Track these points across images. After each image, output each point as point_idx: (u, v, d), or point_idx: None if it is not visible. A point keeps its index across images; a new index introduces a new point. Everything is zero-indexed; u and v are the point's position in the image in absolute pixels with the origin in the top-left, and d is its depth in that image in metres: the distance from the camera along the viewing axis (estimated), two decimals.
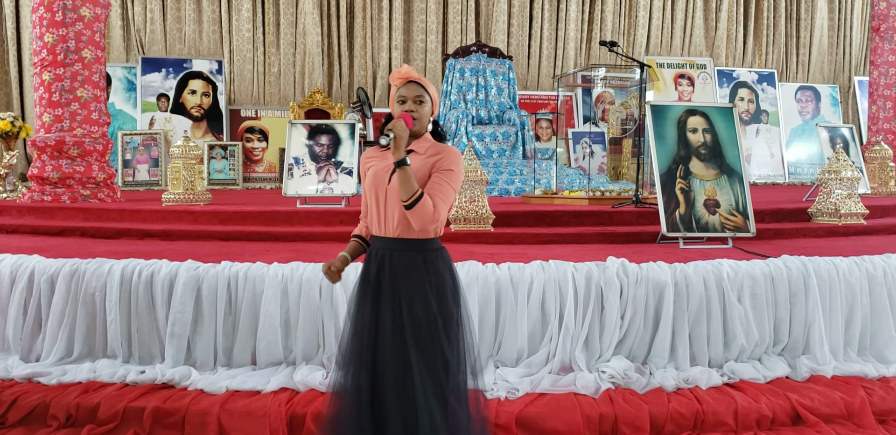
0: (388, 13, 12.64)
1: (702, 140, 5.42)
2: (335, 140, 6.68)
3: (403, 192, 2.34)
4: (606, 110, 12.41)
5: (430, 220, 2.37)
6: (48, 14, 6.85)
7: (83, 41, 6.96)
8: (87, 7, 6.95)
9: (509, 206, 6.51)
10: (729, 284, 4.03)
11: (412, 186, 2.33)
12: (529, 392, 3.63)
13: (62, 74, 6.92)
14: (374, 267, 2.48)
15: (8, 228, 5.98)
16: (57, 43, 6.88)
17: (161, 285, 3.95)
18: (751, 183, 11.84)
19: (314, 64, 12.32)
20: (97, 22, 7.09)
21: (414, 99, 2.48)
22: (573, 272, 3.98)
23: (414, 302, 2.41)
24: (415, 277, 2.43)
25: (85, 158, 7.09)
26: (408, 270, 2.44)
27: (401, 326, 2.40)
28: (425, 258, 2.47)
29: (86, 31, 6.97)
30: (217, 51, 12.26)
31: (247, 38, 12.25)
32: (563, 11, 13.21)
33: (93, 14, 7.01)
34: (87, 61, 7.02)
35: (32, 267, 4.12)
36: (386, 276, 2.45)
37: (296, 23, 12.42)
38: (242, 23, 12.20)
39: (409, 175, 2.33)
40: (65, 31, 6.88)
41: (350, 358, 2.49)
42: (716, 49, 13.85)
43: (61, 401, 3.52)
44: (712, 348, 4.00)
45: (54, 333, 4.02)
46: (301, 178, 6.52)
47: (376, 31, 12.67)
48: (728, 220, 5.25)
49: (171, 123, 11.61)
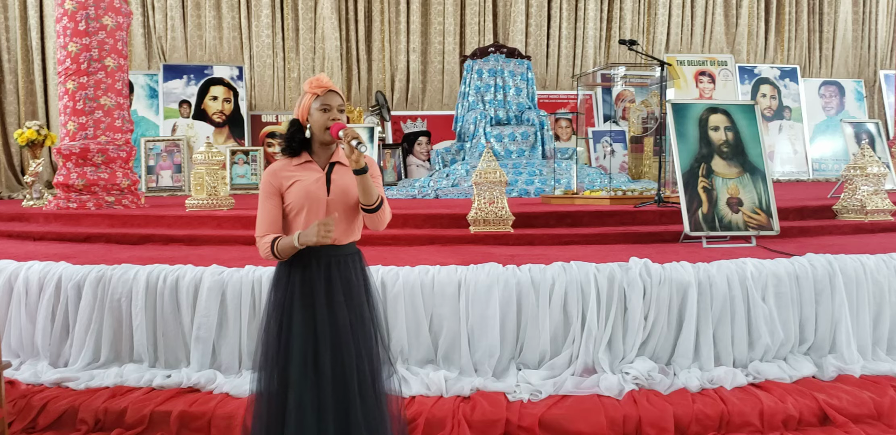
0: (405, 16, 12.67)
1: (724, 138, 5.38)
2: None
3: (368, 197, 2.45)
4: (627, 109, 12.34)
5: (388, 218, 2.57)
6: (71, 24, 6.95)
7: (106, 50, 7.05)
8: (109, 16, 7.04)
9: (529, 207, 6.50)
10: (753, 284, 4.00)
11: (376, 191, 2.47)
12: (552, 394, 3.63)
13: (86, 83, 7.01)
14: (312, 273, 2.50)
15: (35, 235, 6.07)
16: (80, 52, 6.97)
17: (186, 290, 3.99)
18: (774, 180, 11.73)
19: (333, 68, 12.38)
20: (119, 30, 7.17)
21: (338, 107, 2.51)
22: (595, 273, 3.96)
23: (355, 300, 2.54)
24: (353, 277, 2.56)
25: (109, 165, 7.17)
26: (348, 273, 2.55)
27: (346, 322, 2.50)
28: (356, 259, 2.61)
29: (108, 39, 7.06)
30: (237, 57, 12.36)
31: (266, 44, 12.33)
32: (581, 10, 13.16)
33: (115, 23, 7.10)
34: (110, 69, 7.10)
35: (60, 274, 4.18)
36: (326, 281, 2.51)
37: (314, 28, 12.48)
38: (262, 29, 12.29)
39: (369, 182, 2.43)
40: (88, 40, 6.97)
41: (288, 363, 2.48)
42: (737, 45, 13.72)
43: (89, 405, 3.57)
44: (737, 348, 3.96)
45: (82, 339, 4.08)
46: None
47: (394, 34, 12.70)
48: (751, 218, 5.20)
49: (194, 129, 11.71)
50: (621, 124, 12.05)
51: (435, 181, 9.63)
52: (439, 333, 3.91)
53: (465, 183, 9.24)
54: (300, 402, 2.45)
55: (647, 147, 10.16)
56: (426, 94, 12.81)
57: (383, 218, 2.54)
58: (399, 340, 3.88)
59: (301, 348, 2.47)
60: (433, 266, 4.05)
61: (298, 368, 2.46)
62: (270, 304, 2.58)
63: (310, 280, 2.50)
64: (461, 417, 3.40)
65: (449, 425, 3.35)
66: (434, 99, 12.79)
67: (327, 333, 2.47)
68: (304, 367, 2.46)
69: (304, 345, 2.47)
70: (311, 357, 2.47)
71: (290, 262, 2.52)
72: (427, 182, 9.70)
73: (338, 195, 2.51)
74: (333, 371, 2.47)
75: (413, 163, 11.70)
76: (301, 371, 2.46)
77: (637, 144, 10.41)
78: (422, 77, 12.79)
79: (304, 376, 2.46)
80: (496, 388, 3.69)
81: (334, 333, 2.48)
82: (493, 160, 5.54)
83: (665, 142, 7.00)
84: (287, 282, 2.53)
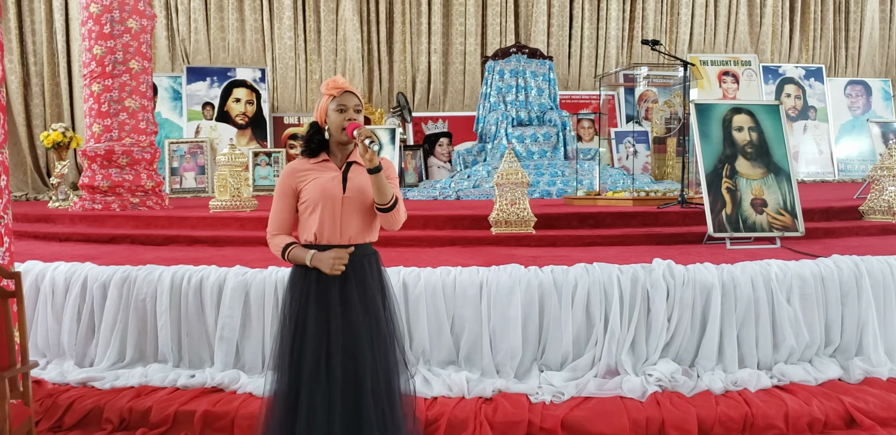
0: (426, 17, 12.68)
1: (748, 138, 5.34)
2: None
3: (382, 196, 2.47)
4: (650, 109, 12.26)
5: (403, 219, 2.59)
6: (96, 27, 7.03)
7: (130, 52, 7.13)
8: (133, 19, 7.12)
9: (551, 208, 6.48)
10: (777, 285, 3.96)
11: (389, 190, 2.47)
12: (575, 396, 3.62)
13: (110, 85, 7.09)
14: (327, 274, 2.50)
15: (61, 236, 6.15)
16: (105, 55, 7.05)
17: (210, 291, 4.03)
18: (799, 181, 11.60)
19: (354, 70, 12.42)
20: (143, 33, 7.25)
21: (354, 107, 2.54)
22: (618, 275, 3.95)
23: (373, 303, 2.55)
24: (370, 279, 2.57)
25: (133, 167, 7.25)
26: (364, 274, 2.56)
27: (361, 323, 2.50)
28: (372, 260, 2.64)
29: (133, 42, 7.13)
30: (260, 59, 12.44)
31: (289, 46, 12.40)
32: (603, 10, 13.10)
33: (139, 26, 7.18)
34: (135, 72, 7.18)
35: (85, 274, 4.23)
36: (341, 282, 2.52)
37: (336, 30, 12.54)
38: (284, 31, 12.36)
39: (384, 180, 2.44)
40: (113, 43, 7.05)
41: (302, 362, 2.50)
42: (761, 45, 13.59)
43: (115, 405, 3.61)
44: (761, 350, 3.93)
45: (107, 339, 4.12)
46: None
47: (415, 35, 12.72)
48: (776, 219, 5.16)
49: (217, 131, 11.81)
50: (644, 125, 11.98)
51: (456, 182, 9.63)
52: (461, 334, 3.90)
53: (487, 184, 9.23)
54: (311, 402, 2.47)
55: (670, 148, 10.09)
56: (447, 95, 12.81)
57: (398, 218, 2.55)
58: (421, 341, 3.89)
59: (314, 349, 2.49)
60: (455, 267, 4.05)
61: (311, 368, 2.48)
62: (286, 304, 2.60)
63: (325, 281, 2.52)
64: (483, 419, 3.39)
65: (471, 427, 3.35)
66: (455, 100, 12.80)
67: (340, 334, 2.49)
68: (316, 367, 2.48)
69: (318, 346, 2.49)
70: (324, 358, 2.48)
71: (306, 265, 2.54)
72: (448, 183, 9.70)
73: (353, 193, 2.53)
74: (345, 372, 2.48)
75: (434, 164, 11.71)
76: (313, 371, 2.48)
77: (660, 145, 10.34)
78: (443, 78, 12.80)
79: (316, 377, 2.48)
80: (518, 389, 3.68)
81: (347, 335, 2.49)
82: (514, 161, 5.53)
83: (688, 142, 6.95)
84: (303, 282, 2.55)
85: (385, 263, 4.18)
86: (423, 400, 3.57)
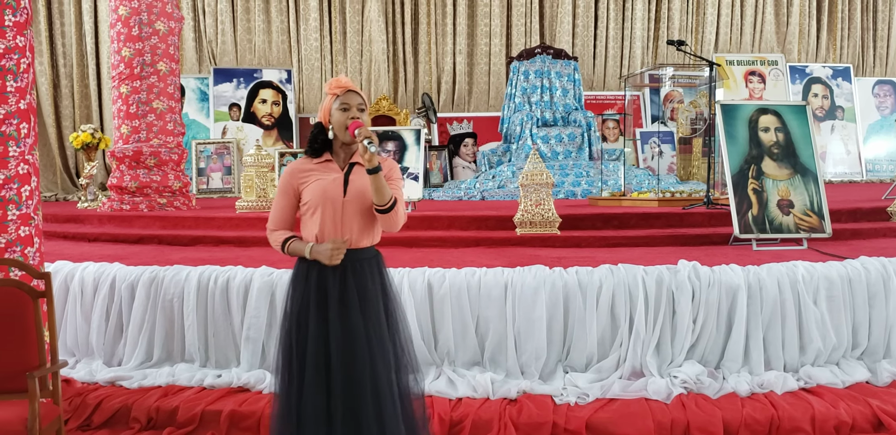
0: (451, 18, 12.70)
1: (774, 139, 5.29)
2: (401, 146, 6.75)
3: (381, 197, 2.45)
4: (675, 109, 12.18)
5: (402, 220, 2.56)
6: (125, 29, 7.12)
7: (158, 54, 7.21)
8: (161, 21, 7.20)
9: (576, 209, 6.46)
10: (804, 287, 3.92)
11: (389, 191, 2.46)
12: (599, 397, 3.61)
13: (139, 87, 7.18)
14: (329, 275, 2.52)
15: (90, 237, 6.23)
16: (133, 57, 7.14)
17: (236, 291, 4.06)
18: (826, 182, 11.45)
19: (380, 71, 12.47)
20: (171, 35, 7.33)
21: (357, 106, 2.54)
22: (643, 276, 3.93)
23: (373, 306, 2.54)
24: (370, 281, 2.56)
25: (161, 168, 7.33)
26: (364, 277, 2.55)
27: (360, 326, 2.50)
28: (373, 262, 2.61)
29: (161, 44, 7.22)
30: (286, 60, 12.53)
31: (315, 48, 12.48)
32: (629, 11, 13.04)
33: (167, 28, 7.26)
34: (163, 74, 7.26)
35: (114, 274, 4.28)
36: (341, 283, 2.52)
37: (362, 31, 12.59)
38: (310, 32, 12.43)
39: (383, 181, 2.43)
40: (141, 45, 7.13)
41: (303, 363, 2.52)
42: (787, 45, 13.44)
43: (142, 404, 3.65)
44: (787, 352, 3.89)
45: (135, 338, 4.17)
46: None
47: (440, 36, 12.74)
48: (803, 220, 5.10)
49: (243, 132, 11.91)
50: (669, 125, 11.90)
51: (481, 183, 9.63)
52: (486, 335, 3.91)
53: (512, 185, 9.22)
54: (312, 403, 2.49)
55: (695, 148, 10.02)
56: (472, 95, 12.82)
57: (396, 220, 2.53)
58: (446, 342, 3.90)
59: (314, 350, 2.50)
60: (479, 268, 4.05)
61: (310, 369, 2.50)
62: (287, 305, 2.62)
63: (325, 283, 2.53)
64: (508, 420, 3.39)
65: (495, 428, 3.35)
66: (480, 100, 12.80)
67: (339, 336, 2.49)
68: (315, 368, 2.49)
69: (317, 347, 2.50)
70: (323, 359, 2.49)
71: (308, 263, 2.56)
72: (473, 184, 9.70)
73: (354, 196, 2.53)
74: (344, 374, 2.48)
75: (459, 164, 11.72)
76: (312, 372, 2.49)
77: (685, 145, 10.27)
78: (468, 79, 12.81)
79: (315, 378, 2.49)
80: (543, 390, 3.67)
81: (346, 336, 2.50)
82: (539, 162, 5.52)
83: (714, 143, 6.89)
84: (304, 285, 2.56)
85: (410, 263, 4.22)
86: (447, 401, 3.59)
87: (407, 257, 4.69)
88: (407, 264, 4.18)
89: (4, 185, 3.42)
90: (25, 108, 3.51)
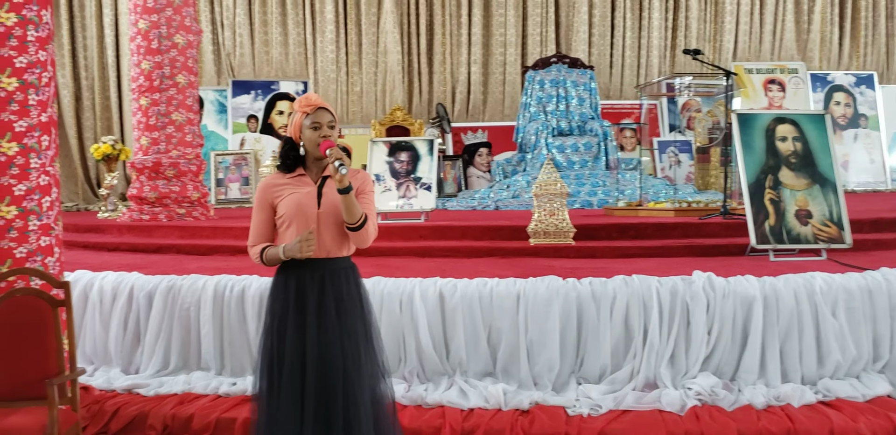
0: (466, 28, 12.74)
1: (792, 149, 5.26)
2: (414, 156, 6.78)
3: (351, 216, 2.50)
4: (692, 119, 12.13)
5: (373, 237, 2.62)
6: (144, 42, 7.22)
7: (177, 67, 7.30)
8: (180, 34, 7.29)
9: (591, 219, 6.45)
10: (822, 298, 3.88)
11: (359, 210, 2.51)
12: (613, 409, 3.59)
13: (158, 99, 7.27)
14: (305, 285, 2.58)
15: (109, 246, 6.32)
16: (153, 69, 7.23)
17: (251, 300, 4.10)
18: (849, 191, 11.33)
19: (395, 82, 12.53)
20: (190, 48, 7.42)
21: (328, 124, 2.59)
22: (658, 287, 3.91)
23: (349, 313, 2.59)
24: (346, 290, 2.61)
25: (180, 179, 7.41)
26: (340, 285, 2.60)
27: (335, 335, 2.56)
28: (349, 272, 2.67)
29: (179, 57, 7.31)
30: (302, 72, 12.63)
31: (331, 59, 12.57)
32: (645, 19, 13.01)
33: (186, 41, 7.35)
34: (181, 86, 7.34)
35: (132, 283, 4.34)
36: (318, 291, 2.57)
37: (377, 42, 12.67)
38: (326, 44, 12.53)
39: (354, 201, 2.48)
40: (160, 58, 7.22)
41: (281, 368, 2.58)
42: (808, 52, 13.33)
43: (158, 412, 3.70)
44: (805, 365, 3.85)
45: (152, 347, 4.22)
46: (381, 194, 6.62)
47: (455, 46, 12.78)
48: (821, 231, 5.06)
49: (261, 143, 12.00)
50: (687, 134, 11.86)
51: (495, 193, 9.63)
52: (498, 345, 3.91)
53: (526, 194, 9.20)
54: (287, 406, 2.55)
55: (713, 157, 9.97)
56: (487, 105, 12.84)
57: (366, 237, 2.58)
58: (457, 352, 3.90)
59: (290, 357, 2.56)
60: (491, 279, 4.06)
61: (286, 375, 2.56)
62: (267, 313, 2.68)
63: (302, 292, 2.58)
64: (520, 431, 3.39)
65: None
66: (495, 110, 12.81)
67: (315, 344, 2.55)
68: (290, 375, 2.55)
69: (293, 354, 2.56)
70: (299, 366, 2.55)
71: (287, 273, 2.62)
72: (487, 193, 9.70)
73: (328, 208, 2.58)
74: (318, 381, 2.53)
75: (473, 174, 11.73)
76: (287, 379, 2.55)
77: (703, 155, 10.23)
78: (483, 88, 12.83)
79: (290, 384, 2.55)
80: (555, 402, 3.67)
81: (322, 344, 2.55)
82: (553, 171, 5.52)
83: (732, 152, 6.86)
84: (284, 293, 2.61)
85: (422, 273, 4.24)
86: (459, 411, 3.59)
87: (419, 267, 4.71)
88: (419, 274, 4.19)
89: (26, 196, 3.48)
90: (46, 121, 3.58)
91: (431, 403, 3.69)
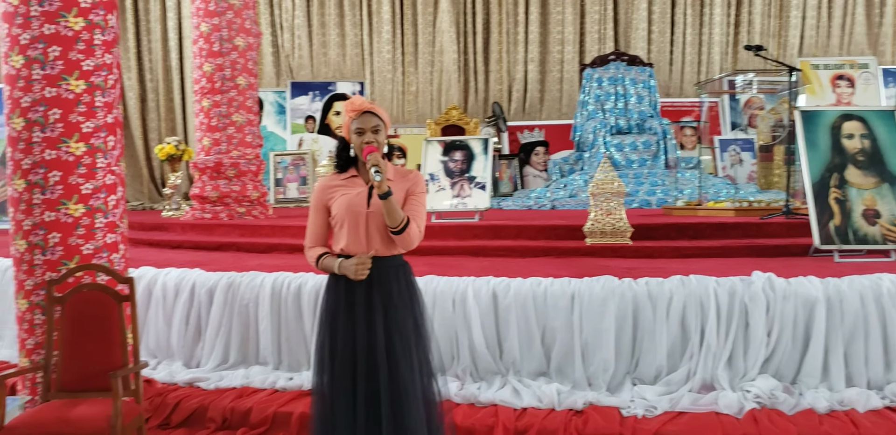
0: (524, 27, 12.68)
1: (859, 146, 5.10)
2: (469, 155, 6.78)
3: (392, 220, 2.55)
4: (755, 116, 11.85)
5: (417, 240, 2.65)
6: (206, 45, 7.39)
7: (238, 69, 7.44)
8: (240, 37, 7.44)
9: (649, 219, 6.36)
10: (889, 301, 3.75)
11: (400, 215, 2.55)
12: (668, 410, 3.54)
13: (219, 101, 7.43)
14: (354, 283, 2.62)
15: (173, 244, 6.50)
16: (214, 71, 7.40)
17: (308, 297, 4.17)
18: None
19: (451, 81, 12.55)
20: (250, 50, 7.57)
21: (371, 129, 2.62)
22: (715, 287, 3.84)
23: (399, 311, 2.63)
24: (396, 288, 2.65)
25: (240, 178, 7.56)
26: (389, 284, 2.64)
27: (388, 333, 2.60)
28: (400, 271, 2.71)
29: (240, 59, 7.46)
30: (359, 72, 12.76)
31: (387, 60, 12.66)
32: (707, 15, 12.74)
33: (246, 43, 7.50)
34: (242, 88, 7.49)
35: (194, 280, 4.46)
36: (367, 290, 2.62)
37: (433, 42, 12.71)
38: (383, 45, 12.63)
39: (394, 205, 2.53)
40: (221, 61, 7.39)
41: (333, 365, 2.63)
42: (880, 47, 12.85)
43: (218, 405, 3.79)
44: (871, 369, 3.73)
45: (212, 341, 4.33)
46: (436, 193, 6.65)
47: (512, 44, 12.74)
48: (890, 231, 4.89)
49: (318, 144, 12.16)
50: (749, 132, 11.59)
51: (552, 192, 9.57)
52: (552, 345, 3.89)
53: (583, 194, 9.13)
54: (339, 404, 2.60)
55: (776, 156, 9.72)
56: (544, 103, 12.76)
57: (409, 240, 2.62)
58: (511, 352, 3.89)
59: (342, 355, 2.62)
60: (546, 278, 4.03)
61: (339, 370, 2.61)
62: (321, 310, 2.76)
63: (352, 290, 2.64)
64: (573, 431, 3.37)
65: None
66: (552, 108, 12.73)
67: (364, 341, 2.60)
68: (343, 372, 2.61)
69: (345, 351, 2.62)
70: (350, 363, 2.60)
71: (338, 275, 2.67)
72: (543, 193, 9.65)
73: (377, 208, 2.61)
74: (369, 377, 2.58)
75: (530, 173, 11.68)
76: (341, 376, 2.61)
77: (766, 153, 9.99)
78: (539, 87, 12.76)
79: (343, 381, 2.61)
80: (610, 402, 3.63)
81: (370, 341, 2.60)
82: (610, 170, 5.46)
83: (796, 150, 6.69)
84: (335, 291, 2.68)
85: (475, 272, 4.24)
86: (512, 410, 3.58)
87: (473, 266, 4.71)
88: (472, 273, 4.20)
89: (93, 194, 3.61)
90: (112, 122, 3.70)
91: (484, 401, 3.70)
